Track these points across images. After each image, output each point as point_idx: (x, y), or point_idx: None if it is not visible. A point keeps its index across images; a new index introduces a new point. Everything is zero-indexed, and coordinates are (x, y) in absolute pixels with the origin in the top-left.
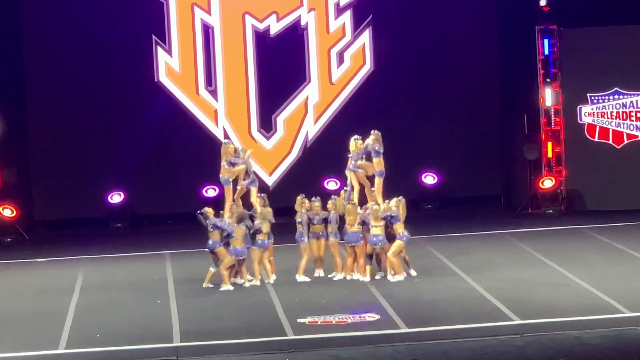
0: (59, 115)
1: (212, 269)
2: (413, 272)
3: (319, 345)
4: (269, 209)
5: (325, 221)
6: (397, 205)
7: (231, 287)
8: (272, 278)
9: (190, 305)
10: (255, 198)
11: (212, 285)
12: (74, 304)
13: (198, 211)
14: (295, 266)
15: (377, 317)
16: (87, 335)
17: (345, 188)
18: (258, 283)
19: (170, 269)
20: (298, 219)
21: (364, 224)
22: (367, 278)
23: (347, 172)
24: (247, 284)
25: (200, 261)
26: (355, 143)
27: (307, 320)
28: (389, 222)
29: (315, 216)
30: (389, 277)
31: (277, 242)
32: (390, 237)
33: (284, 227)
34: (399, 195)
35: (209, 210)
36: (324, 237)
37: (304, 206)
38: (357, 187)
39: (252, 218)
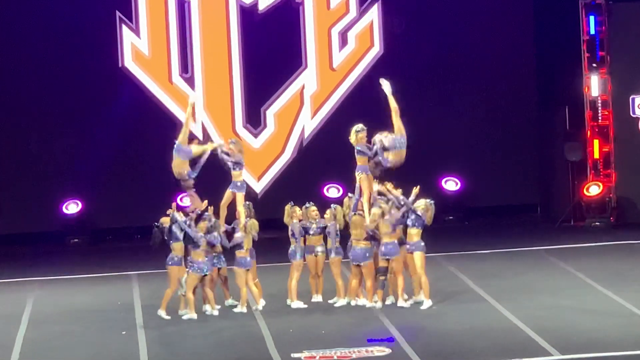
0: (2, 110)
1: (181, 292)
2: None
3: None
4: (255, 222)
5: (324, 231)
6: (425, 209)
7: (195, 316)
8: (261, 304)
9: (161, 338)
10: (241, 206)
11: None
12: (22, 337)
13: (155, 223)
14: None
15: (387, 351)
16: None
17: (350, 194)
18: (244, 310)
19: (137, 293)
20: (290, 232)
21: (373, 238)
22: (378, 304)
23: (356, 174)
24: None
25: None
26: (356, 135)
27: (303, 355)
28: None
29: (312, 225)
30: (400, 302)
31: (268, 260)
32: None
33: (276, 242)
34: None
35: (165, 221)
36: (323, 252)
37: (294, 216)
38: (367, 193)
39: (232, 230)
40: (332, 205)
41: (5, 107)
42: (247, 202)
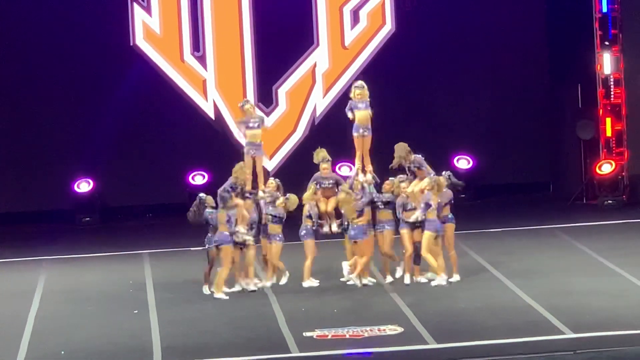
0: (14, 88)
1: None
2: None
3: None
4: (295, 197)
5: (337, 185)
6: (431, 186)
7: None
8: (281, 280)
9: (173, 316)
10: (260, 167)
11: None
12: (34, 315)
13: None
14: (300, 269)
15: (399, 330)
16: (48, 352)
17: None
18: (268, 284)
19: (149, 272)
20: (307, 212)
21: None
22: (388, 278)
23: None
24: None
25: (185, 262)
26: (354, 91)
27: (314, 333)
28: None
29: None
30: (365, 280)
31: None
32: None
33: (287, 220)
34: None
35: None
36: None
37: (314, 198)
38: (358, 153)
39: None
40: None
41: (17, 86)
42: (276, 178)
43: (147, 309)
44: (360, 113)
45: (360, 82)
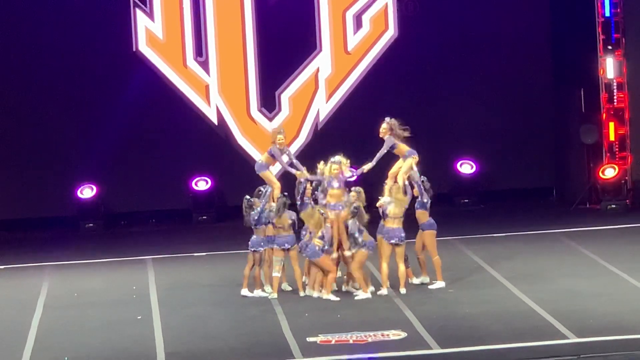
0: (16, 94)
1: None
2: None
3: None
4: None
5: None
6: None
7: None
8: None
9: (177, 322)
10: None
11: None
12: (37, 321)
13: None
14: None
15: (403, 334)
16: (52, 359)
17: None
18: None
19: (153, 278)
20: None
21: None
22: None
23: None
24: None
25: (189, 268)
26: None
27: (318, 339)
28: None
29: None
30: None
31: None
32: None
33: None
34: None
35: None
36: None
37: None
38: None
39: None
40: (353, 188)
41: (20, 91)
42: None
43: (150, 314)
44: (334, 192)
45: (338, 158)
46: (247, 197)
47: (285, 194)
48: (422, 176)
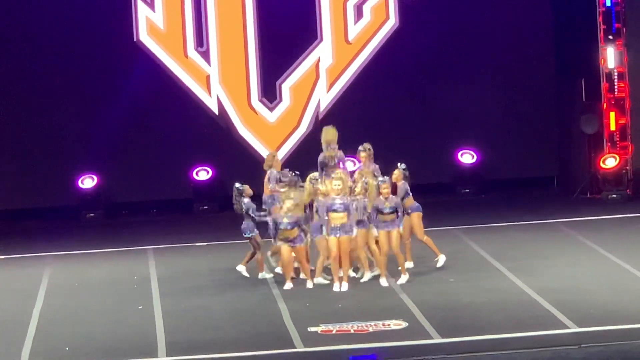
0: (17, 84)
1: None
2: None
3: (333, 358)
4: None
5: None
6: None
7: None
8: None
9: (178, 312)
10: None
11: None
12: (38, 310)
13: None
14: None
15: (404, 324)
16: (53, 348)
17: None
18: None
19: (153, 268)
20: (315, 208)
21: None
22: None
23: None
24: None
25: (190, 258)
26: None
27: (319, 329)
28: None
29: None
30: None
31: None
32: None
33: None
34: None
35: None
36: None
37: (319, 192)
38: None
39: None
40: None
41: (21, 82)
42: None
43: (151, 304)
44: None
45: (315, 174)
46: (237, 185)
47: (297, 172)
48: (402, 164)
